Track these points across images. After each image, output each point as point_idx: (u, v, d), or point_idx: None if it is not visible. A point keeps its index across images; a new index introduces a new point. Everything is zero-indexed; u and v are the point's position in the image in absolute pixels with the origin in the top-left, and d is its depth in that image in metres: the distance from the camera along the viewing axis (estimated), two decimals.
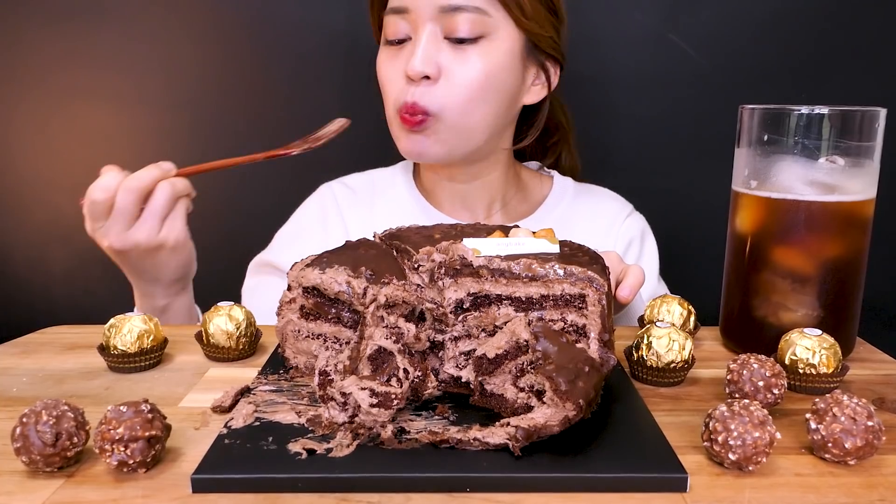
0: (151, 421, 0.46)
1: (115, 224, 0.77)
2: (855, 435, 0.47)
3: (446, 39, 0.87)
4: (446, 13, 0.86)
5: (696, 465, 0.48)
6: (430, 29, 0.87)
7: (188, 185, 0.81)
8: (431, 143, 0.91)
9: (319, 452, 0.47)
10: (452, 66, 0.87)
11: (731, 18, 1.20)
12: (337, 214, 1.04)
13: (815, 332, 0.62)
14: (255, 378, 0.60)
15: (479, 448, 0.48)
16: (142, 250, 0.79)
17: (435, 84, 0.87)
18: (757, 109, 0.67)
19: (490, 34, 0.88)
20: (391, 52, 0.91)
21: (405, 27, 0.89)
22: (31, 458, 0.45)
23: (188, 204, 0.82)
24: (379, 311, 0.53)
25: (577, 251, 0.59)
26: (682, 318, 0.71)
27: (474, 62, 0.87)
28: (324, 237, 1.01)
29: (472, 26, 0.86)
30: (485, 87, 0.89)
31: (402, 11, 0.88)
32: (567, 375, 0.48)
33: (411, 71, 0.86)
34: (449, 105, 0.88)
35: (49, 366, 0.66)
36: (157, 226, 0.78)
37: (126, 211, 0.77)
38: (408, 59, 0.88)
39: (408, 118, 0.88)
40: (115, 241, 0.78)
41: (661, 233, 1.09)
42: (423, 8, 0.86)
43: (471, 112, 0.89)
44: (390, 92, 0.91)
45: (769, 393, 0.55)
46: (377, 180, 1.07)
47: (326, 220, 1.04)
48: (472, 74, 0.87)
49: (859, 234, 0.67)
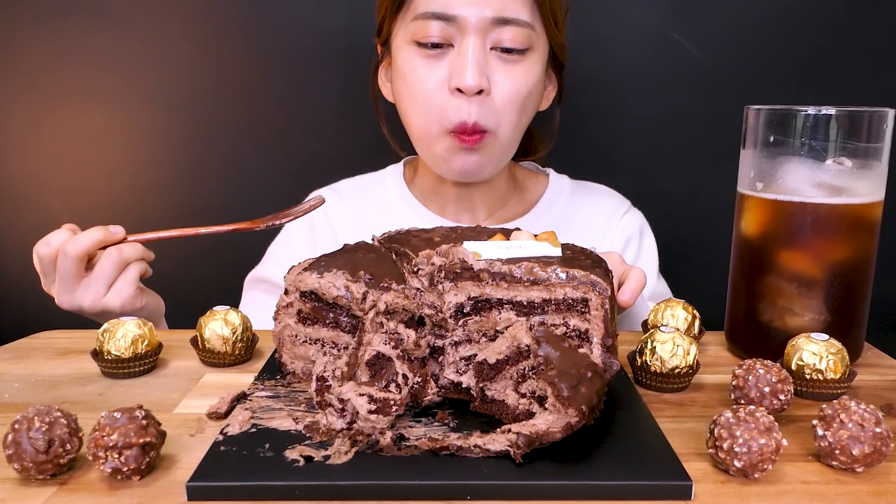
0: (146, 427, 0.46)
1: (59, 284, 0.79)
2: (863, 442, 0.47)
3: (492, 51, 0.87)
4: (496, 25, 0.85)
5: (700, 473, 0.48)
6: (479, 40, 0.86)
7: (140, 249, 0.81)
8: (486, 162, 0.91)
9: (317, 460, 0.47)
10: (500, 79, 0.87)
11: (735, 16, 1.21)
12: (325, 222, 1.04)
13: (822, 336, 0.62)
14: (252, 384, 0.60)
15: (479, 455, 0.48)
16: (88, 313, 0.80)
17: (488, 98, 0.87)
18: (763, 110, 0.67)
19: (534, 47, 0.89)
20: (427, 57, 0.88)
21: (447, 34, 0.86)
22: (24, 465, 0.45)
23: (143, 268, 0.81)
24: (378, 317, 0.53)
25: (580, 254, 0.59)
26: (687, 322, 0.72)
27: (521, 76, 0.88)
28: (312, 247, 1.01)
29: (522, 39, 0.86)
30: (527, 101, 0.90)
31: (446, 18, 0.86)
32: (569, 381, 0.48)
33: (464, 85, 0.85)
34: (504, 121, 0.88)
35: (41, 371, 0.66)
36: (101, 290, 0.79)
37: (65, 273, 0.78)
38: (451, 70, 0.86)
39: (466, 138, 0.87)
40: (60, 300, 0.80)
41: (665, 235, 1.09)
42: (474, 18, 0.85)
43: (518, 126, 0.91)
44: (432, 106, 0.88)
45: (775, 399, 0.55)
46: (367, 184, 1.07)
47: (315, 230, 1.03)
48: (521, 88, 0.88)
49: (867, 236, 0.67)
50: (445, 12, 0.86)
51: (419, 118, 0.90)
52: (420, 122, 0.91)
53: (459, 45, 0.86)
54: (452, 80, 0.86)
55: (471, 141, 0.87)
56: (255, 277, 1.03)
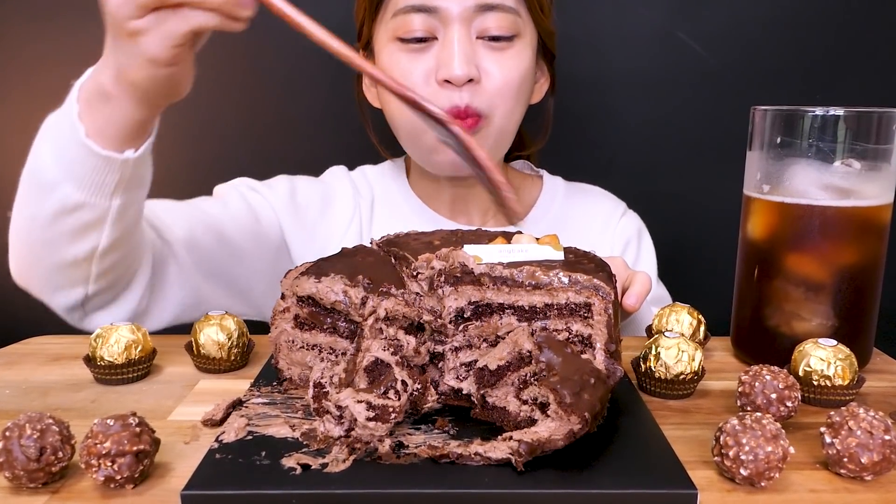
0: (139, 435, 0.46)
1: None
2: (871, 449, 0.48)
3: (478, 39, 0.86)
4: (480, 12, 0.85)
5: (706, 481, 0.48)
6: (463, 29, 0.85)
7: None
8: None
9: (314, 468, 0.47)
10: (490, 67, 0.86)
11: (741, 15, 1.21)
12: (352, 190, 1.02)
13: (829, 342, 0.62)
14: (248, 390, 0.60)
15: (480, 463, 0.48)
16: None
17: (479, 86, 0.86)
18: (769, 111, 0.67)
19: (521, 34, 0.88)
20: (411, 52, 0.87)
21: (430, 26, 0.86)
22: (15, 473, 0.45)
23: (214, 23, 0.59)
24: (378, 323, 0.53)
25: (583, 258, 0.59)
26: (692, 327, 0.72)
27: (510, 62, 0.87)
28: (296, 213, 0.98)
29: (508, 25, 0.86)
30: (520, 88, 0.89)
31: (427, 10, 0.85)
32: (572, 388, 0.48)
33: (452, 75, 0.84)
34: (497, 107, 0.88)
35: (33, 377, 0.67)
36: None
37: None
38: (438, 62, 0.85)
39: (460, 122, 0.87)
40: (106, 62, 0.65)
41: (670, 239, 1.09)
42: (457, 7, 0.84)
43: (513, 115, 0.90)
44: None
45: (782, 406, 0.55)
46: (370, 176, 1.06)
47: (341, 193, 1.02)
48: (511, 75, 0.87)
49: (876, 240, 0.67)
50: (426, 4, 0.85)
51: (405, 113, 0.87)
52: (407, 116, 0.88)
53: (444, 36, 0.86)
54: (440, 72, 0.85)
55: (465, 126, 0.87)
56: (249, 185, 0.98)
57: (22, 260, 0.77)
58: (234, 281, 0.91)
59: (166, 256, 0.83)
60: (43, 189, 0.69)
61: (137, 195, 0.72)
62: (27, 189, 0.72)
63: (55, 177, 0.68)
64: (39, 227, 0.70)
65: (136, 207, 0.73)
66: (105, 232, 0.70)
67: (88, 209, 0.68)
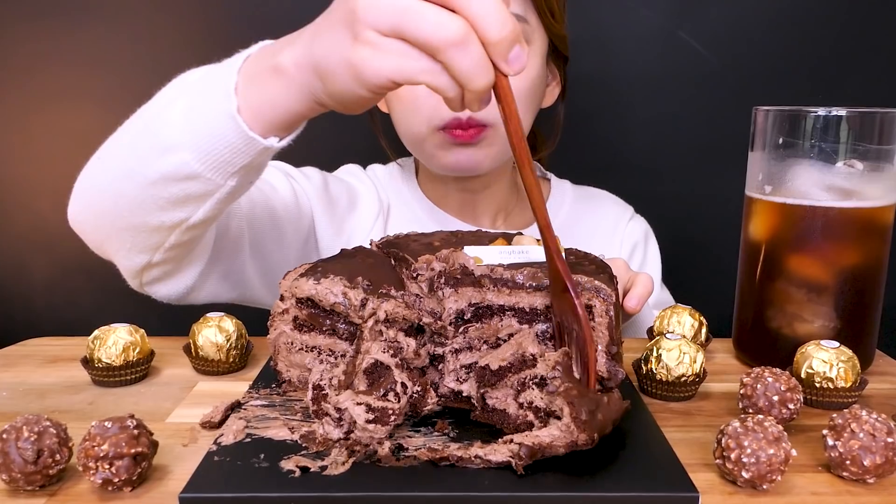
0: (137, 437, 0.46)
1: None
2: (874, 452, 0.48)
3: None
4: None
5: (707, 484, 0.48)
6: None
7: None
8: (484, 156, 0.91)
9: (313, 470, 0.47)
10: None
11: (743, 15, 1.21)
12: (373, 187, 1.02)
13: (832, 344, 0.62)
14: (246, 392, 0.60)
15: (480, 466, 0.48)
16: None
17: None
18: (772, 111, 0.67)
19: (529, 41, 0.88)
20: None
21: None
22: (12, 476, 0.45)
23: None
24: (378, 325, 0.53)
25: (584, 259, 0.59)
26: (693, 329, 0.72)
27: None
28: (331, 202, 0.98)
29: None
30: (530, 95, 0.90)
31: None
32: (589, 405, 0.48)
33: None
34: None
35: (30, 379, 0.67)
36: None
37: None
38: None
39: (461, 133, 0.87)
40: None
41: (671, 240, 1.09)
42: None
43: (522, 120, 0.90)
44: (421, 106, 0.88)
45: (784, 408, 0.55)
46: (381, 176, 1.06)
47: (363, 188, 1.02)
48: (519, 84, 0.87)
49: (878, 241, 0.67)
50: None
51: (407, 119, 0.91)
52: (408, 123, 0.91)
53: None
54: None
55: (466, 136, 0.87)
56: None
57: (95, 207, 0.70)
58: (270, 266, 0.88)
59: (227, 230, 0.79)
60: (156, 147, 0.62)
61: (251, 180, 0.67)
62: (135, 140, 0.66)
63: (179, 140, 0.61)
64: (137, 184, 0.64)
65: (242, 192, 0.68)
66: (204, 207, 0.65)
67: (201, 182, 0.62)
